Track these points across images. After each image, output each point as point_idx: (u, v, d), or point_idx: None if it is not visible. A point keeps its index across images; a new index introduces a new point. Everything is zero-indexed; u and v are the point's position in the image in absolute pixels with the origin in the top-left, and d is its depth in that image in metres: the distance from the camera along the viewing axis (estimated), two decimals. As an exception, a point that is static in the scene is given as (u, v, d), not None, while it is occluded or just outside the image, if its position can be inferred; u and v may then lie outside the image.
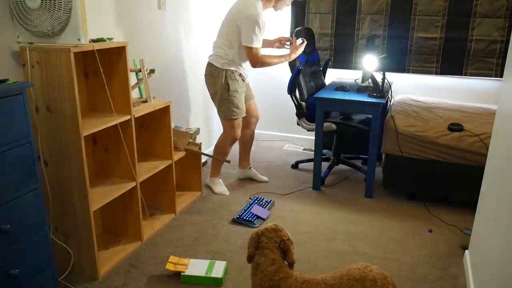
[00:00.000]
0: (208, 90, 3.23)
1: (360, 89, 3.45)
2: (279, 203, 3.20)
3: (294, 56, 3.22)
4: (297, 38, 3.28)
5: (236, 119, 3.18)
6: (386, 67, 3.46)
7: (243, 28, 2.95)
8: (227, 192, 3.35)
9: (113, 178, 2.54)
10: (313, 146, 3.46)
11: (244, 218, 2.90)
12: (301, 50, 3.23)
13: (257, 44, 2.99)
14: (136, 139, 2.50)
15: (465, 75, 3.79)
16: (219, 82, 3.08)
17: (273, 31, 4.35)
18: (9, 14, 2.01)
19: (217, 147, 3.35)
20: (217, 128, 4.29)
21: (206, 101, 4.01)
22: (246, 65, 3.18)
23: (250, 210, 2.98)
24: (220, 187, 3.38)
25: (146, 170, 2.67)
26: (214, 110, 4.17)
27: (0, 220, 1.67)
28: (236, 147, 3.78)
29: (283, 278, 1.61)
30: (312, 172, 3.45)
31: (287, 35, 4.26)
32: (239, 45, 3.03)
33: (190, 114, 3.75)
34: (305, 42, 3.26)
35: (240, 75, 3.14)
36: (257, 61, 3.06)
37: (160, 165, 2.77)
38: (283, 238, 1.68)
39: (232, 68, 3.08)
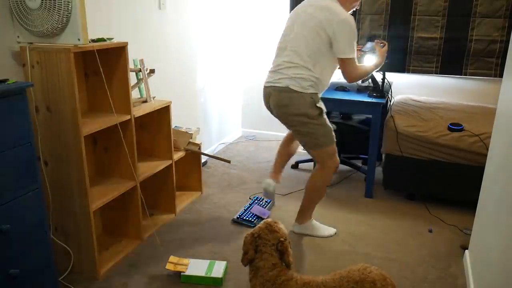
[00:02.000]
0: (288, 122, 2.54)
1: (360, 89, 3.45)
2: (279, 203, 3.20)
3: (382, 61, 2.70)
4: (375, 41, 2.87)
5: (335, 142, 2.61)
6: (386, 67, 3.45)
7: (339, 37, 2.37)
8: (334, 230, 2.80)
9: (113, 178, 2.54)
10: (313, 146, 3.45)
11: (244, 218, 2.90)
12: (385, 51, 2.73)
13: (354, 53, 2.45)
14: (136, 139, 2.50)
15: (465, 75, 3.79)
16: (306, 109, 2.46)
17: (274, 32, 4.35)
18: (9, 14, 2.01)
19: (314, 189, 2.69)
20: (217, 128, 4.29)
21: (206, 101, 4.01)
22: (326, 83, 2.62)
23: (250, 210, 2.98)
24: (324, 229, 2.79)
25: (146, 170, 2.67)
26: (214, 110, 4.17)
27: (0, 220, 1.67)
28: (263, 154, 3.75)
29: (285, 281, 1.61)
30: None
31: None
32: (325, 61, 2.46)
33: (190, 114, 3.75)
34: (386, 44, 2.77)
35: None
36: (356, 74, 2.52)
37: (160, 165, 2.77)
38: (280, 240, 1.65)
39: (315, 91, 2.49)
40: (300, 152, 4.31)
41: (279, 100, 2.48)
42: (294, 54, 2.44)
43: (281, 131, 4.65)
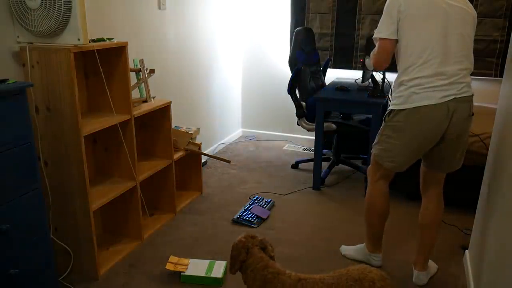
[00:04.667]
0: (465, 138, 2.13)
1: (360, 89, 3.45)
2: (279, 203, 3.20)
3: None
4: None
5: None
6: (386, 67, 3.45)
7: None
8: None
9: (113, 178, 2.54)
10: (313, 146, 3.46)
11: (244, 218, 2.90)
12: None
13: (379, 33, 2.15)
14: (136, 139, 2.50)
15: (465, 75, 3.78)
16: None
17: (274, 31, 4.36)
18: (9, 14, 2.01)
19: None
20: (217, 128, 4.29)
21: (206, 101, 4.01)
22: None
23: (250, 210, 2.98)
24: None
25: (146, 169, 2.67)
26: (214, 110, 4.18)
27: (0, 220, 1.67)
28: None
29: (275, 274, 1.62)
30: (312, 172, 3.45)
31: (287, 34, 4.27)
32: None
33: (190, 114, 3.75)
34: None
35: None
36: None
37: (160, 165, 2.77)
38: (260, 239, 1.74)
39: None
40: (300, 152, 4.31)
41: (469, 112, 2.09)
42: (465, 60, 2.10)
43: (282, 131, 4.65)
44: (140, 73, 2.64)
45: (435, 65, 1.96)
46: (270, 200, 3.17)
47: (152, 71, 2.75)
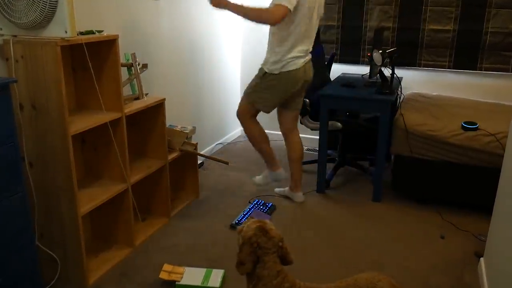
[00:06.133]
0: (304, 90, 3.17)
1: (367, 85, 3.45)
2: (281, 207, 3.20)
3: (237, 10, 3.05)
4: None
5: None
6: (396, 62, 3.45)
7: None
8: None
9: (103, 180, 2.54)
10: (317, 146, 3.45)
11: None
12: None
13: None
14: (127, 138, 2.50)
15: (480, 70, 3.78)
16: None
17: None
18: (-9, 5, 2.01)
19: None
20: (214, 127, 4.28)
21: (203, 98, 4.01)
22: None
23: (250, 215, 2.98)
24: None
25: (138, 171, 2.67)
26: (211, 108, 4.18)
27: (-19, 225, 1.67)
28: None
29: None
30: (316, 174, 3.45)
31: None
32: None
33: (186, 112, 3.75)
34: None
35: None
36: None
37: (153, 166, 2.77)
38: (279, 244, 1.65)
39: None
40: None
41: (312, 68, 3.09)
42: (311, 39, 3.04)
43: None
44: (132, 68, 2.64)
45: (303, 45, 2.93)
46: (271, 204, 3.16)
47: (144, 66, 2.75)
